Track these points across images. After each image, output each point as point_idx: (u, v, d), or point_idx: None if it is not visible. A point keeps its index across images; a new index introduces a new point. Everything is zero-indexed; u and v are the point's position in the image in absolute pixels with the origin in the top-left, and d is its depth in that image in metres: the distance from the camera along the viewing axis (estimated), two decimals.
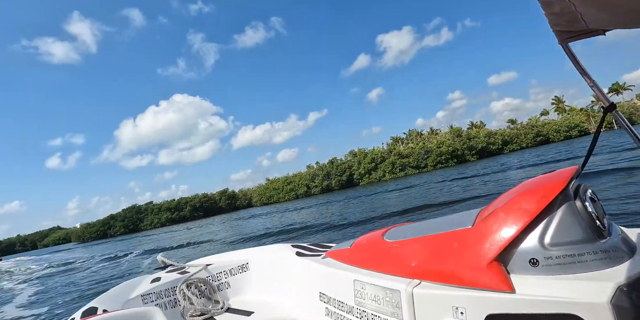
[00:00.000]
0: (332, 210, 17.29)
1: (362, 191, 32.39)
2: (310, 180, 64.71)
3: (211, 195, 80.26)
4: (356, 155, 66.21)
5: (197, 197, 77.83)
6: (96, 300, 1.86)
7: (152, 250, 15.68)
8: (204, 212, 74.65)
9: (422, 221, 1.53)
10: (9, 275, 18.20)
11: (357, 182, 61.34)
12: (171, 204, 76.14)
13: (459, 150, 58.15)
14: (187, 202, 76.05)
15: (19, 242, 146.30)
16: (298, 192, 64.74)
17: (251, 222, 22.81)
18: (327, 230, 9.92)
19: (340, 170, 63.02)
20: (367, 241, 1.59)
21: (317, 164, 69.04)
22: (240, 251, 2.59)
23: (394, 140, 74.04)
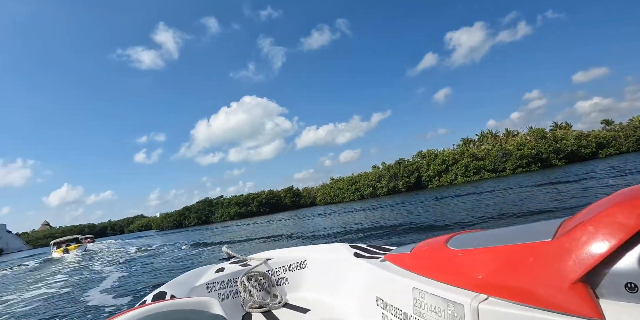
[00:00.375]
0: (397, 213, 16.31)
1: (431, 194, 30.47)
2: (376, 181, 63.13)
3: (277, 192, 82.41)
4: (425, 156, 63.15)
5: (263, 194, 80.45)
6: (166, 285, 1.94)
7: (219, 242, 15.76)
8: (269, 208, 76.83)
9: (491, 229, 1.36)
10: (99, 255, 19.63)
11: (425, 185, 58.44)
12: (239, 198, 79.59)
13: (543, 154, 52.50)
14: (254, 198, 78.89)
15: (110, 226, 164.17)
16: (363, 192, 63.57)
17: (314, 220, 22.24)
18: (389, 234, 9.29)
19: (407, 172, 60.56)
20: (428, 247, 1.49)
21: (384, 165, 67.19)
22: (299, 248, 2.61)
23: (464, 141, 69.43)
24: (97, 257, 18.11)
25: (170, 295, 1.77)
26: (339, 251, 2.24)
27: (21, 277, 14.06)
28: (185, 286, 2.03)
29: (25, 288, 9.86)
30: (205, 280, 2.16)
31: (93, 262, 15.41)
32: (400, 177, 60.60)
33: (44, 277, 12.54)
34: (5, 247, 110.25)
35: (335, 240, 9.32)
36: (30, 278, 12.84)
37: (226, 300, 2.16)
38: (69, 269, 14.25)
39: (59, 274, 12.73)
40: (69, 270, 13.64)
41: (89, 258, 18.38)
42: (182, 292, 1.88)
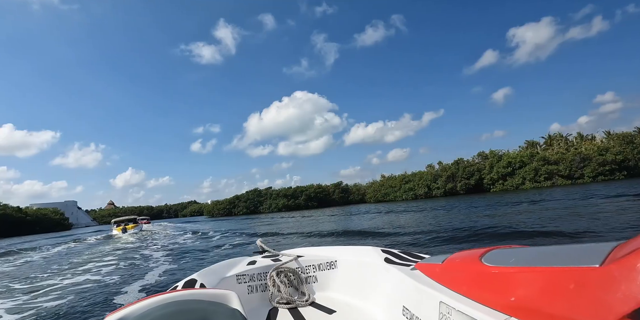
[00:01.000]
0: (452, 217, 14.49)
1: (492, 198, 27.42)
2: (431, 181, 59.74)
3: (325, 186, 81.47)
4: (487, 157, 58.57)
5: (312, 187, 79.86)
6: (198, 273, 1.99)
7: (263, 233, 15.45)
8: (317, 203, 76.11)
9: (532, 247, 1.24)
10: (151, 236, 20.51)
11: (487, 188, 54.11)
12: (288, 191, 79.69)
13: (630, 161, 46.19)
14: (302, 191, 78.57)
15: (166, 210, 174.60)
16: (417, 192, 60.40)
17: (361, 217, 20.95)
18: (436, 239, 8.22)
19: (467, 173, 56.49)
20: (461, 260, 1.41)
21: (440, 164, 63.45)
22: (330, 248, 2.59)
23: (529, 144, 63.53)
24: (149, 238, 19.07)
25: (200, 283, 1.79)
26: (370, 255, 2.20)
27: (83, 249, 15.15)
28: (216, 275, 2.05)
29: (83, 260, 10.65)
30: (236, 272, 2.19)
31: (145, 242, 16.14)
32: (459, 179, 56.73)
33: (100, 251, 13.45)
34: (75, 222, 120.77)
35: (374, 241, 8.71)
36: (89, 251, 13.81)
37: (254, 293, 2.18)
38: (123, 245, 15.07)
39: (113, 249, 13.53)
40: (123, 247, 14.43)
41: (143, 238, 19.29)
42: (212, 281, 1.91)
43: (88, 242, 19.70)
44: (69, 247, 17.58)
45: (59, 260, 11.71)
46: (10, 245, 24.82)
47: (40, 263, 11.36)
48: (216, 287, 1.85)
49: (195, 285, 1.74)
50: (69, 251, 15.00)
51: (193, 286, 1.72)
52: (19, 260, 13.20)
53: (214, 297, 1.22)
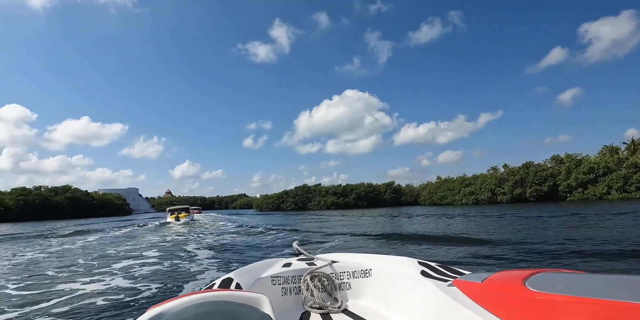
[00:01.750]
0: (519, 227, 12.27)
1: (569, 209, 23.27)
2: (496, 185, 54.45)
3: (376, 186, 78.34)
4: (563, 161, 52.08)
5: (362, 186, 77.12)
6: (234, 272, 2.01)
7: (308, 231, 14.91)
8: (367, 202, 73.37)
9: (584, 273, 1.14)
10: (201, 226, 21.29)
11: (562, 196, 48.03)
12: (337, 188, 77.66)
13: None
14: (352, 190, 76.13)
15: (217, 201, 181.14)
16: (479, 196, 55.28)
17: (413, 220, 19.14)
18: (494, 254, 6.91)
19: (539, 178, 50.63)
20: (503, 282, 1.31)
21: (506, 167, 57.66)
22: (365, 255, 2.56)
23: (608, 149, 55.61)
24: (199, 227, 19.85)
25: (236, 282, 1.80)
26: (405, 266, 2.12)
27: (138, 235, 16.05)
28: (252, 276, 2.06)
29: (133, 246, 11.02)
30: (271, 273, 2.19)
31: (194, 230, 16.81)
32: (529, 184, 51.01)
33: (153, 237, 14.08)
34: (136, 207, 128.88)
35: (422, 247, 8.17)
36: (142, 237, 14.51)
37: (288, 296, 2.17)
38: (173, 233, 15.81)
39: (165, 236, 14.10)
40: (173, 234, 15.03)
41: (193, 226, 20.23)
42: (248, 281, 1.92)
43: (144, 228, 20.82)
44: (128, 231, 18.59)
45: (117, 242, 12.43)
46: (77, 226, 27.60)
47: (100, 244, 12.00)
48: (251, 287, 1.87)
49: (231, 285, 1.75)
50: (127, 235, 15.96)
51: (229, 285, 1.74)
52: (85, 239, 14.41)
53: (247, 300, 1.22)
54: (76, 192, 76.09)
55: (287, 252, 7.90)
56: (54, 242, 13.69)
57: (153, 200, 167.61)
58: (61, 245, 12.30)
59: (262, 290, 1.46)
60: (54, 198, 68.97)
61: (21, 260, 8.61)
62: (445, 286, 1.64)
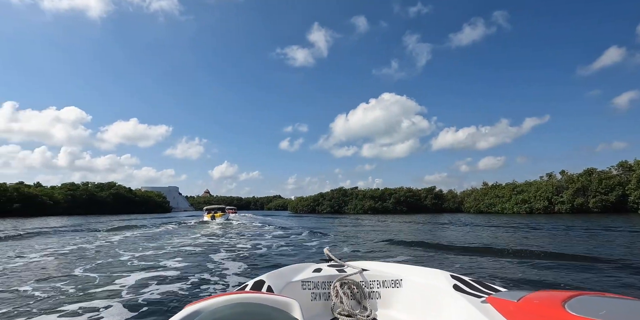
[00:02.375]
0: (579, 242, 10.78)
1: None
2: (553, 193, 49.50)
3: (416, 190, 74.65)
4: (632, 168, 46.31)
5: (401, 190, 73.73)
6: (266, 275, 2.05)
7: (337, 235, 14.67)
8: (407, 207, 69.97)
9: (634, 300, 1.08)
10: (235, 225, 22.03)
11: (633, 208, 42.60)
12: (375, 192, 74.79)
13: None
14: (391, 194, 72.98)
15: (253, 202, 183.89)
16: (534, 205, 50.41)
17: (456, 229, 17.63)
18: (544, 271, 5.99)
19: (605, 187, 45.33)
20: (540, 302, 1.26)
21: (564, 174, 52.40)
22: (395, 265, 2.53)
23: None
24: (234, 228, 19.77)
25: (268, 285, 1.82)
26: (437, 278, 2.08)
27: (179, 231, 17.13)
28: (283, 279, 2.08)
29: (168, 243, 11.29)
30: (302, 277, 2.20)
31: (229, 231, 16.97)
32: (593, 193, 45.83)
33: (189, 235, 14.40)
34: (176, 205, 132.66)
35: (463, 260, 7.31)
36: (178, 234, 15.06)
37: (317, 301, 2.17)
38: (209, 232, 15.89)
39: (201, 235, 14.20)
40: (208, 233, 15.12)
41: (228, 226, 20.45)
42: (279, 285, 1.94)
43: (182, 226, 21.42)
44: (167, 228, 19.13)
45: (156, 238, 12.86)
46: (121, 221, 28.86)
47: (141, 239, 12.39)
48: (282, 290, 1.89)
49: (262, 287, 1.77)
50: (167, 232, 16.36)
51: (261, 288, 1.76)
52: (131, 234, 15.09)
53: (278, 303, 1.23)
54: (120, 188, 78.79)
55: (318, 257, 7.58)
56: (100, 235, 14.26)
57: (192, 199, 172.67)
58: (105, 238, 12.83)
59: (292, 294, 1.45)
60: (99, 194, 71.69)
61: (68, 251, 9.15)
62: (479, 302, 1.59)
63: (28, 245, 10.58)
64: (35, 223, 26.60)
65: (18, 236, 13.79)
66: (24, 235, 14.28)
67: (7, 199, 50.59)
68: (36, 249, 9.75)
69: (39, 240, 12.21)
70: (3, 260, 7.51)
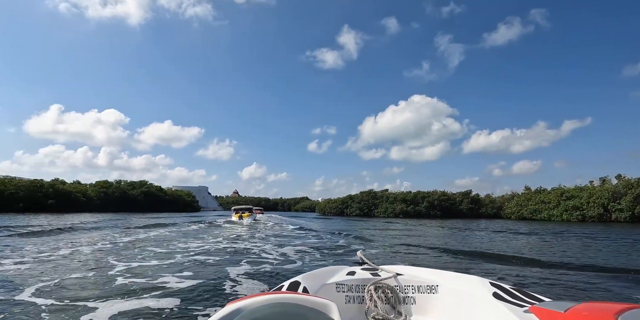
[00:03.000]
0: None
1: None
2: (610, 200, 44.72)
3: (451, 194, 70.75)
4: None
5: (435, 194, 70.04)
6: (302, 276, 2.04)
7: (369, 238, 14.05)
8: (441, 212, 66.31)
9: None
10: (262, 225, 22.60)
11: None
12: (407, 195, 71.50)
13: None
14: (424, 197, 69.53)
15: (280, 203, 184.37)
16: (587, 212, 45.79)
17: (499, 237, 15.71)
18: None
19: None
20: (590, 315, 1.19)
21: (621, 179, 47.32)
22: (431, 270, 2.43)
23: None
24: (261, 227, 20.97)
25: (304, 286, 1.82)
26: (475, 286, 2.00)
27: (208, 230, 17.26)
28: (318, 281, 2.07)
29: (204, 239, 12.25)
30: (336, 280, 2.18)
31: (256, 231, 17.01)
32: None
33: (217, 234, 14.47)
34: (205, 205, 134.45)
35: (511, 270, 6.55)
36: (207, 234, 14.88)
37: (351, 304, 2.14)
38: (237, 232, 15.96)
39: (228, 235, 14.19)
40: (236, 234, 15.14)
41: (255, 228, 20.28)
42: (314, 286, 1.93)
43: (211, 225, 21.57)
44: (198, 227, 19.27)
45: (188, 236, 13.03)
46: (151, 219, 29.50)
47: (173, 237, 12.69)
48: (317, 292, 1.87)
49: (298, 288, 1.78)
50: (197, 231, 16.54)
51: (296, 288, 1.76)
52: (163, 231, 15.78)
53: (317, 305, 1.23)
54: (151, 187, 79.74)
55: (349, 260, 7.58)
56: (132, 232, 14.71)
57: (221, 198, 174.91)
58: (139, 234, 13.31)
59: (327, 297, 1.44)
60: (131, 192, 72.69)
61: (103, 247, 9.15)
62: (521, 312, 1.52)
63: (61, 239, 10.94)
64: (67, 219, 26.87)
65: (52, 231, 13.90)
66: (52, 230, 14.24)
67: (43, 195, 51.73)
68: (78, 243, 10.03)
69: (74, 235, 12.51)
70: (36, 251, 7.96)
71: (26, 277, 5.11)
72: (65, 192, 55.08)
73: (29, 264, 6.22)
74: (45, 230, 13.79)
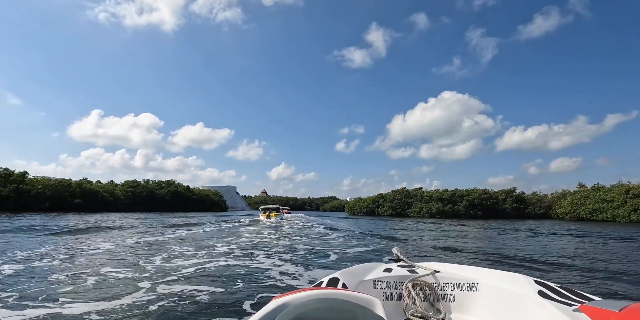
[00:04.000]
0: None
1: None
2: None
3: (492, 193, 65.18)
4: None
5: (475, 192, 64.60)
6: (340, 272, 2.05)
7: (401, 241, 12.51)
8: (482, 212, 61.05)
9: None
10: (288, 225, 22.28)
11: None
12: (444, 193, 66.47)
13: None
14: (463, 196, 64.37)
15: (308, 202, 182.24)
16: None
17: (557, 240, 13.41)
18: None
19: None
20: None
21: None
22: (470, 268, 2.36)
23: None
24: (287, 226, 20.66)
25: (342, 282, 1.82)
26: (519, 283, 1.93)
27: (239, 229, 16.84)
28: (356, 277, 2.06)
29: (235, 234, 13.46)
30: (373, 277, 2.17)
31: (282, 229, 17.27)
32: None
33: (249, 233, 14.41)
34: (233, 204, 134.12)
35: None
36: (236, 231, 15.34)
37: (389, 301, 2.13)
38: (264, 232, 15.38)
39: (255, 234, 14.00)
40: (266, 232, 14.94)
41: (282, 227, 19.89)
42: (352, 282, 1.93)
43: (240, 225, 21.32)
44: (229, 226, 19.22)
45: (222, 235, 12.96)
46: (179, 218, 29.45)
47: (207, 236, 12.40)
48: (356, 288, 1.86)
49: (337, 284, 1.77)
50: (228, 230, 16.36)
51: (336, 284, 1.76)
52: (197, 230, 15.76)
53: (361, 300, 1.23)
54: (179, 186, 79.02)
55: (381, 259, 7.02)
56: (167, 230, 14.79)
57: (250, 198, 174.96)
58: (173, 233, 13.30)
59: (366, 293, 1.41)
60: (158, 191, 72.07)
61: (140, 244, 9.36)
62: (570, 311, 1.45)
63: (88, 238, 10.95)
64: (93, 218, 26.35)
65: (72, 231, 13.49)
66: (74, 230, 13.72)
67: (70, 194, 51.27)
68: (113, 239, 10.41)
69: (104, 235, 12.28)
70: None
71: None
72: (92, 192, 54.51)
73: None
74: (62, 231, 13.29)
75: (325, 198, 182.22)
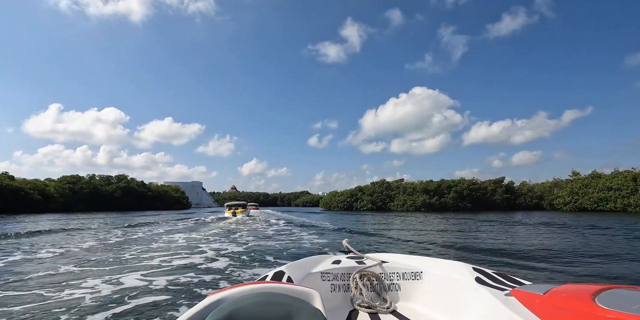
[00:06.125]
0: None
1: None
2: None
3: (481, 183, 60.39)
4: None
5: (463, 182, 59.55)
6: (286, 266, 2.02)
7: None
8: (471, 203, 56.08)
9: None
10: (254, 222, 20.75)
11: None
12: (429, 184, 61.04)
13: None
14: (450, 187, 59.18)
15: (280, 198, 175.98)
16: None
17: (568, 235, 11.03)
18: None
19: None
20: (569, 295, 1.20)
21: None
22: (415, 257, 2.46)
23: None
24: (252, 223, 19.50)
25: (288, 276, 1.81)
26: (459, 271, 2.01)
27: (195, 227, 16.14)
28: (302, 270, 2.06)
29: (191, 240, 10.63)
30: (321, 269, 2.18)
31: (247, 226, 16.76)
32: None
33: (206, 230, 14.28)
34: (199, 201, 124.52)
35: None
36: (197, 229, 14.48)
37: (336, 293, 2.15)
38: (227, 228, 15.43)
39: (219, 231, 13.68)
40: (226, 229, 14.90)
41: (247, 222, 20.09)
42: (299, 276, 1.92)
43: (198, 222, 20.12)
44: (188, 224, 18.44)
45: (175, 234, 12.41)
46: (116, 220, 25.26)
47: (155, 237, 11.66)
48: (302, 281, 1.86)
49: (282, 278, 1.76)
50: (186, 228, 15.39)
51: (280, 278, 1.75)
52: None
53: (299, 293, 1.24)
54: (131, 182, 69.11)
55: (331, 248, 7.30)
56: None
57: (218, 195, 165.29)
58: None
59: (312, 286, 1.45)
60: (104, 188, 62.15)
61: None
62: (503, 295, 1.52)
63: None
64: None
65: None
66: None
67: None
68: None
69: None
70: None
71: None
72: (13, 189, 44.21)
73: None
74: None
75: (297, 193, 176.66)
